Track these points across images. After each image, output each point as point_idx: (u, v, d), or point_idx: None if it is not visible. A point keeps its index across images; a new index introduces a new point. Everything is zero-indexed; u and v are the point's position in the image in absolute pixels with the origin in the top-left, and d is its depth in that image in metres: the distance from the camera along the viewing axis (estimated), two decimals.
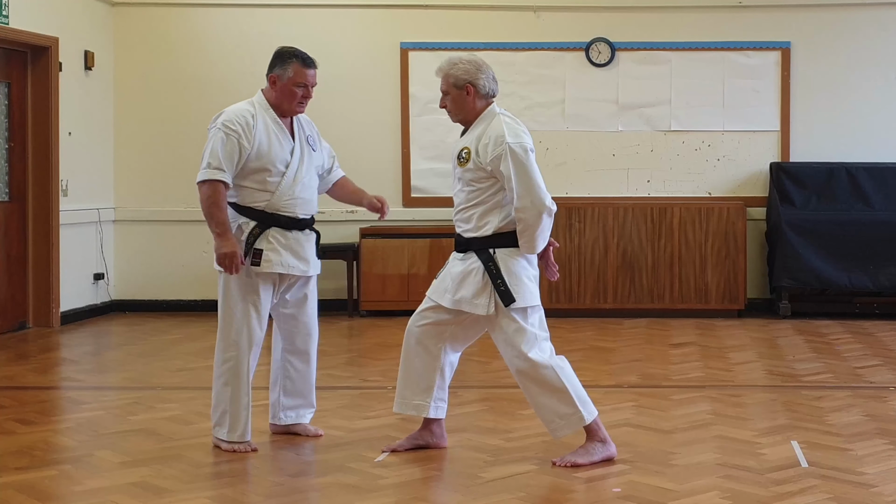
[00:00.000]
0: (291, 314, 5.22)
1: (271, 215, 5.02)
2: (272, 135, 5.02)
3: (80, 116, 9.48)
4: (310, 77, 5.07)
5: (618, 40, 9.96)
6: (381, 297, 9.59)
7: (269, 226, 5.01)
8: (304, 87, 5.05)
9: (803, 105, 9.92)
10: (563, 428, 4.80)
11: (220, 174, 4.90)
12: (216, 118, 5.05)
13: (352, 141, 9.86)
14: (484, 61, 4.91)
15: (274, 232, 5.01)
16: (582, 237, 9.59)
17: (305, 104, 5.11)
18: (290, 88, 5.03)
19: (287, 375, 5.28)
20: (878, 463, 4.83)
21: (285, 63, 5.04)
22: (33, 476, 4.67)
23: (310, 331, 5.29)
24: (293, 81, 5.03)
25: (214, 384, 5.09)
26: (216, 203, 4.89)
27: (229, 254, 4.86)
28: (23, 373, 7.20)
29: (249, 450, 5.03)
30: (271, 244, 5.00)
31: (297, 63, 5.03)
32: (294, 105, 5.07)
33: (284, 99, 5.05)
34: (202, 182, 4.93)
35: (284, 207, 5.03)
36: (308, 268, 5.13)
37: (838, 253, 9.29)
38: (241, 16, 10.00)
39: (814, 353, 7.76)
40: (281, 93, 5.04)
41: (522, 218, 4.70)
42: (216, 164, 4.91)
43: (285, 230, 5.04)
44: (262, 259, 4.97)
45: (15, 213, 8.92)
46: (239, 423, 5.03)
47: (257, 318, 5.03)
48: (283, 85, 5.03)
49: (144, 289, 10.07)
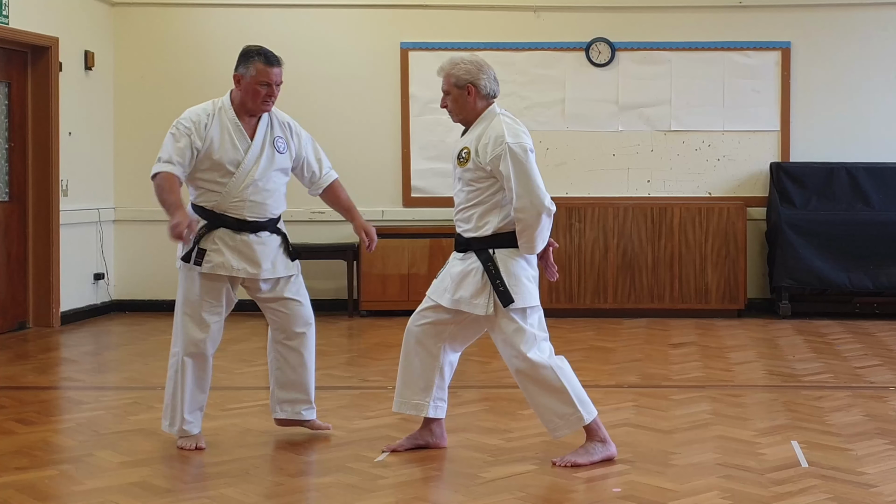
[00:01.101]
0: (277, 309, 5.22)
1: (219, 216, 5.03)
2: (225, 135, 5.02)
3: (80, 116, 9.48)
4: (273, 75, 5.03)
5: (618, 40, 9.96)
6: (381, 297, 9.59)
7: (216, 226, 5.02)
8: (267, 85, 5.02)
9: (803, 105, 9.92)
10: (563, 428, 4.80)
11: (168, 166, 4.95)
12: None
13: (352, 141, 9.87)
14: (485, 61, 4.91)
15: (221, 233, 5.02)
16: (582, 237, 9.59)
17: (271, 102, 5.07)
18: (253, 87, 5.02)
19: (278, 367, 5.27)
20: (878, 463, 4.83)
21: (248, 62, 5.04)
22: (33, 476, 4.67)
23: (299, 320, 5.23)
24: (256, 80, 5.01)
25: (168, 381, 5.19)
26: (165, 188, 4.92)
27: (175, 224, 4.79)
28: (23, 373, 7.20)
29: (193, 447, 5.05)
30: (216, 245, 5.01)
31: (260, 61, 5.02)
32: (259, 103, 5.05)
33: (248, 98, 5.04)
34: (153, 176, 4.99)
35: (232, 209, 5.03)
36: (259, 271, 5.07)
37: (838, 253, 9.30)
38: (241, 16, 10.00)
39: (814, 353, 7.76)
40: (245, 92, 5.04)
41: (521, 218, 4.70)
42: (166, 157, 4.97)
43: (233, 232, 5.03)
44: (203, 259, 4.99)
45: (15, 213, 8.92)
46: (176, 416, 5.10)
47: (197, 318, 5.05)
48: (247, 84, 5.03)
49: (144, 289, 10.07)
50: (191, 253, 5.00)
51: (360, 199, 9.86)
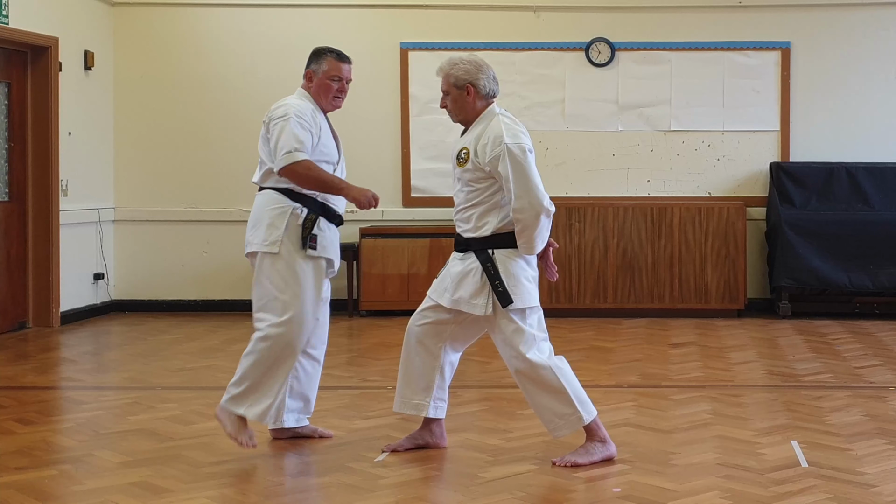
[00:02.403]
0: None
1: (323, 205, 5.07)
2: (325, 129, 5.11)
3: (80, 116, 9.48)
4: (344, 71, 5.15)
5: (618, 40, 9.96)
6: (381, 297, 9.59)
7: (319, 216, 5.06)
8: (339, 80, 5.13)
9: (803, 105, 9.93)
10: (563, 428, 4.80)
11: (304, 154, 4.90)
12: (276, 109, 5.01)
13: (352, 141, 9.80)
14: (484, 61, 4.91)
15: (323, 222, 5.07)
16: (582, 237, 9.59)
17: (342, 99, 5.17)
18: (325, 82, 5.10)
19: (295, 376, 5.20)
20: (877, 463, 4.84)
21: (320, 58, 5.14)
22: (33, 476, 4.67)
23: (325, 331, 5.28)
24: (328, 75, 5.10)
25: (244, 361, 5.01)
26: (317, 171, 4.91)
27: (364, 189, 4.89)
28: (23, 373, 7.20)
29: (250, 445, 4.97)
30: (323, 232, 5.06)
31: (332, 57, 5.13)
32: (330, 99, 5.14)
33: (321, 93, 5.12)
34: (290, 165, 4.88)
35: (332, 200, 5.10)
36: (338, 261, 5.21)
37: (838, 253, 9.30)
38: (241, 16, 10.00)
39: (814, 353, 7.76)
40: (318, 88, 5.12)
41: (520, 219, 4.70)
42: (300, 147, 4.90)
43: (330, 222, 5.11)
44: (318, 244, 5.01)
45: (15, 213, 8.92)
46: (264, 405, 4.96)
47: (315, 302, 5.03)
48: (319, 79, 5.11)
49: (144, 289, 10.07)
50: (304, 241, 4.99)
51: None
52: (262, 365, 4.98)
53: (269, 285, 5.00)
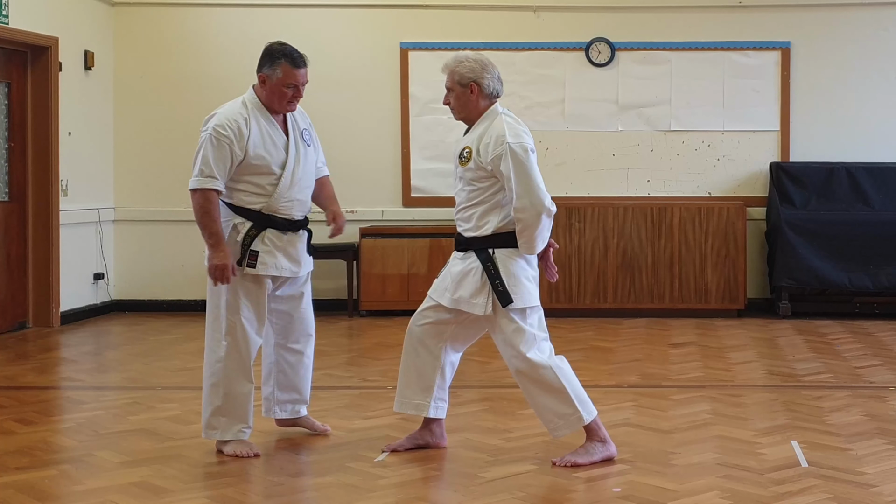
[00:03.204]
0: (285, 311, 5.18)
1: (268, 217, 4.95)
2: (266, 137, 4.93)
3: (80, 116, 9.48)
4: (300, 76, 4.94)
5: (618, 40, 9.96)
6: (381, 297, 9.59)
7: (264, 227, 4.95)
8: (294, 87, 4.94)
9: (803, 105, 9.92)
10: (563, 428, 4.80)
11: (212, 182, 4.83)
12: (208, 120, 4.95)
13: (352, 141, 9.87)
14: (490, 61, 4.90)
15: (269, 234, 4.95)
16: (582, 237, 9.59)
17: (296, 103, 5.01)
18: (279, 89, 4.93)
19: (280, 370, 5.23)
20: (878, 463, 4.84)
21: (274, 63, 4.92)
22: (33, 476, 4.67)
23: (305, 327, 5.24)
24: (283, 82, 4.92)
25: (205, 385, 5.02)
26: (208, 213, 4.83)
27: (220, 266, 4.80)
28: (23, 373, 7.19)
29: (251, 454, 4.97)
30: (266, 246, 4.94)
31: (287, 63, 4.91)
32: (284, 105, 4.97)
33: (274, 98, 4.95)
34: (194, 190, 4.87)
35: (282, 210, 4.97)
36: (299, 269, 5.07)
37: (838, 253, 9.29)
38: (240, 16, 10.00)
39: (814, 353, 7.76)
40: (270, 92, 4.94)
41: (521, 218, 4.69)
42: (208, 171, 4.83)
43: (280, 232, 4.98)
44: (257, 261, 4.91)
45: (15, 213, 8.92)
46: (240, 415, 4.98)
47: (255, 320, 4.98)
48: (273, 85, 4.93)
49: (144, 289, 10.07)
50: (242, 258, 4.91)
51: (360, 199, 10.00)
52: (220, 385, 4.96)
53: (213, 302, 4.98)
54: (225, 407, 4.97)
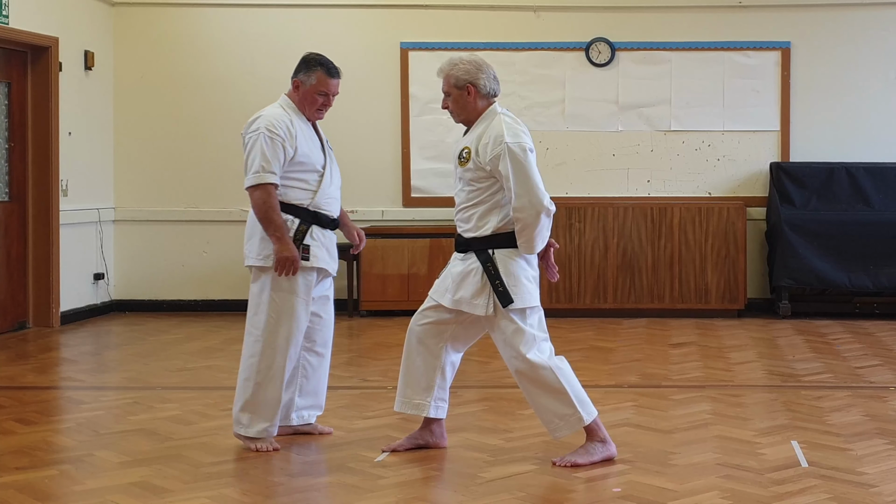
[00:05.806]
0: (316, 311, 5.26)
1: (314, 213, 5.09)
2: (307, 137, 5.11)
3: (80, 116, 9.48)
4: (332, 86, 5.13)
5: (618, 40, 9.96)
6: (381, 297, 9.60)
7: (311, 224, 5.08)
8: (325, 95, 5.12)
9: (803, 105, 9.93)
10: (563, 428, 4.80)
11: (271, 177, 4.96)
12: (252, 123, 5.07)
13: (352, 141, 9.86)
14: (485, 61, 4.91)
15: (315, 230, 5.09)
16: (582, 237, 9.59)
17: (325, 112, 5.19)
18: (312, 95, 5.10)
19: (304, 373, 5.30)
20: (878, 463, 4.84)
21: (310, 70, 5.10)
22: (33, 476, 4.67)
23: (330, 328, 5.36)
24: (316, 89, 5.10)
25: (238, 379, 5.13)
26: (272, 206, 4.96)
27: (291, 258, 4.93)
28: (23, 373, 7.20)
29: (271, 448, 5.06)
30: (315, 241, 5.08)
31: (322, 71, 5.10)
32: (313, 112, 5.15)
33: (306, 104, 5.13)
34: (254, 186, 4.96)
35: (325, 206, 5.12)
36: (336, 266, 5.24)
37: (838, 253, 9.30)
38: (241, 16, 10.00)
39: (814, 353, 7.76)
40: (303, 98, 5.12)
41: (520, 218, 4.70)
42: (267, 167, 4.96)
43: (324, 228, 5.13)
44: (310, 254, 5.04)
45: (15, 213, 8.93)
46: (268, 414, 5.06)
47: (305, 314, 5.09)
48: (306, 91, 5.10)
49: (144, 289, 10.07)
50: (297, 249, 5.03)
51: (360, 199, 10.00)
52: (252, 381, 5.07)
53: (262, 297, 5.05)
54: (253, 403, 5.06)
